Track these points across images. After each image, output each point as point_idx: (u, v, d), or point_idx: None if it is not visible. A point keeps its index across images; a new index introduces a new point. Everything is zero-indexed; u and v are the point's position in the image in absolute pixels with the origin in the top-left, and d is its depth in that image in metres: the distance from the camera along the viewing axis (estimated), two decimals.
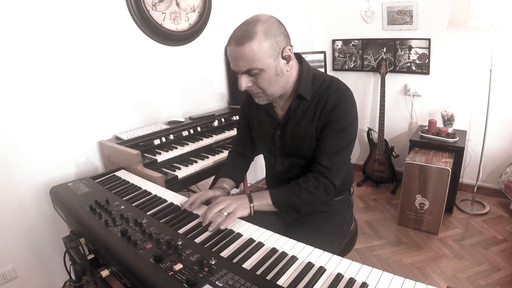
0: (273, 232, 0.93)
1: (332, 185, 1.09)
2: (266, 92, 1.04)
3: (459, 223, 2.34)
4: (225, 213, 0.99)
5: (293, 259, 0.81)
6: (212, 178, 2.25)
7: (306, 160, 1.17)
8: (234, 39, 0.96)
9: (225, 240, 0.90)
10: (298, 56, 1.13)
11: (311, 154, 1.14)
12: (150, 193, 1.22)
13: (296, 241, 0.88)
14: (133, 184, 1.33)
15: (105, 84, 1.78)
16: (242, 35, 0.94)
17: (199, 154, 1.82)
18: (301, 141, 1.14)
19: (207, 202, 1.13)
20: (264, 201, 1.08)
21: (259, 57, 0.95)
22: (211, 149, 1.87)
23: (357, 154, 3.30)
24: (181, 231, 0.95)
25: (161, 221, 1.00)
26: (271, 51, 0.96)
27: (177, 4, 2.00)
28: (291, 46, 1.02)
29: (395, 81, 2.85)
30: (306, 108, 1.11)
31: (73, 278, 1.12)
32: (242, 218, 1.03)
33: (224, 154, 1.81)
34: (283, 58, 1.01)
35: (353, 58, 3.03)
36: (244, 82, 1.00)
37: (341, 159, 1.10)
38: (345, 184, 1.27)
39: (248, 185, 2.78)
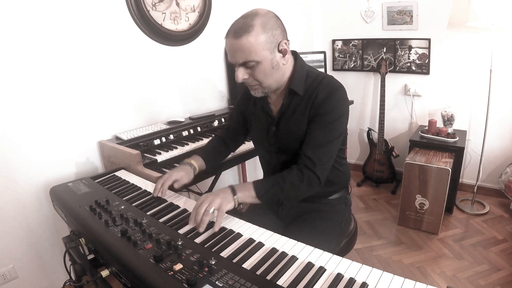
0: (273, 232, 0.93)
1: (316, 178, 1.07)
2: (262, 85, 1.05)
3: (459, 223, 2.34)
4: (211, 210, 0.95)
5: (293, 259, 0.81)
6: (212, 178, 2.25)
7: (299, 154, 1.17)
8: (232, 32, 0.97)
9: (225, 240, 0.90)
10: (294, 53, 1.13)
11: None
12: (150, 193, 1.22)
13: (296, 241, 0.88)
14: (133, 184, 1.33)
15: (105, 84, 1.78)
16: (240, 28, 0.96)
17: None
18: (293, 136, 1.14)
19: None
20: (247, 192, 1.05)
21: (255, 49, 0.96)
22: None
23: (357, 154, 3.30)
24: (181, 231, 0.95)
25: (161, 221, 1.00)
26: (268, 44, 0.98)
27: (177, 4, 2.00)
28: (288, 40, 1.04)
29: (395, 81, 2.85)
30: (298, 103, 1.12)
31: (73, 278, 1.12)
32: (231, 214, 1.02)
33: None
34: (279, 51, 1.02)
35: (353, 58, 3.03)
36: (241, 74, 1.02)
37: (327, 152, 1.09)
38: (342, 182, 1.28)
39: None
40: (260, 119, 1.23)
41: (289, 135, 1.15)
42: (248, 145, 1.85)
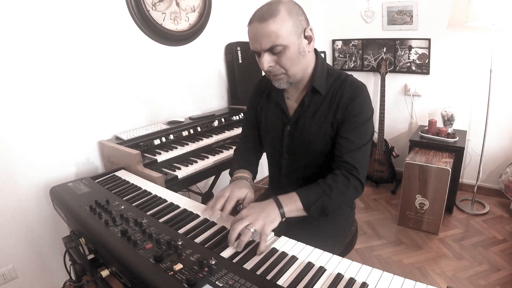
0: (273, 232, 0.93)
1: (360, 183, 1.04)
2: (288, 73, 1.02)
3: (459, 223, 2.34)
4: (252, 230, 0.85)
5: (293, 259, 0.81)
6: (212, 178, 2.25)
7: (314, 158, 1.13)
8: (257, 17, 0.95)
9: (225, 240, 0.89)
10: (314, 50, 1.10)
11: (322, 152, 1.11)
12: (150, 193, 1.22)
13: (296, 241, 0.88)
14: (133, 184, 1.33)
15: (105, 84, 1.78)
16: (265, 13, 0.94)
17: (199, 154, 1.82)
18: (312, 137, 1.10)
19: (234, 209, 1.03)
20: (293, 206, 0.95)
21: (283, 33, 0.94)
22: (211, 149, 1.87)
23: None
24: (181, 231, 0.95)
25: (161, 221, 1.00)
26: (294, 28, 0.96)
27: (177, 4, 2.00)
28: (311, 27, 1.02)
29: (395, 81, 2.85)
30: (319, 103, 1.08)
31: (73, 278, 1.12)
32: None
33: (224, 154, 1.80)
34: (305, 37, 1.00)
35: (353, 58, 3.03)
36: (267, 62, 0.98)
37: (364, 154, 1.07)
38: None
39: None
40: (273, 116, 1.18)
41: (307, 135, 1.11)
42: None
